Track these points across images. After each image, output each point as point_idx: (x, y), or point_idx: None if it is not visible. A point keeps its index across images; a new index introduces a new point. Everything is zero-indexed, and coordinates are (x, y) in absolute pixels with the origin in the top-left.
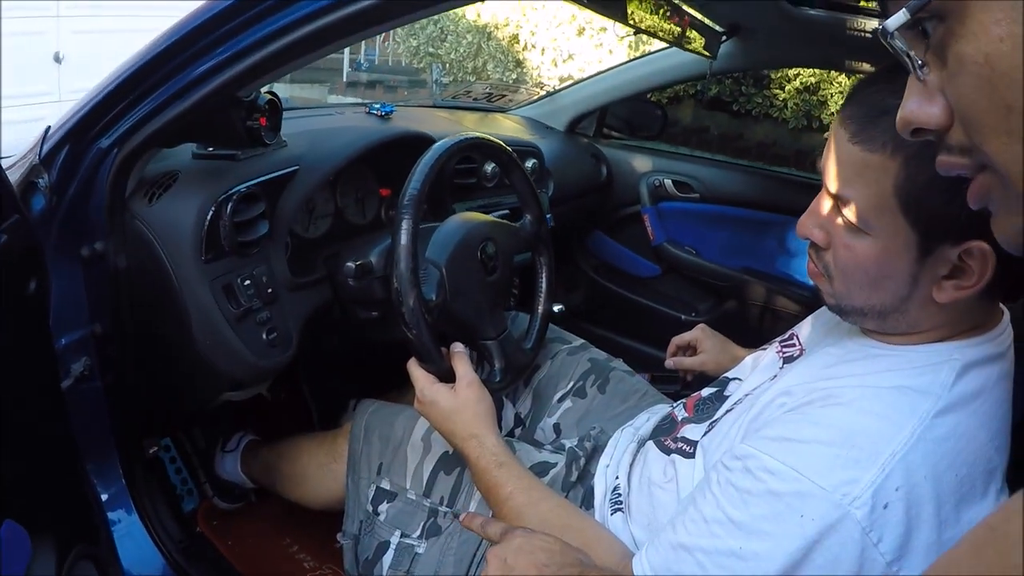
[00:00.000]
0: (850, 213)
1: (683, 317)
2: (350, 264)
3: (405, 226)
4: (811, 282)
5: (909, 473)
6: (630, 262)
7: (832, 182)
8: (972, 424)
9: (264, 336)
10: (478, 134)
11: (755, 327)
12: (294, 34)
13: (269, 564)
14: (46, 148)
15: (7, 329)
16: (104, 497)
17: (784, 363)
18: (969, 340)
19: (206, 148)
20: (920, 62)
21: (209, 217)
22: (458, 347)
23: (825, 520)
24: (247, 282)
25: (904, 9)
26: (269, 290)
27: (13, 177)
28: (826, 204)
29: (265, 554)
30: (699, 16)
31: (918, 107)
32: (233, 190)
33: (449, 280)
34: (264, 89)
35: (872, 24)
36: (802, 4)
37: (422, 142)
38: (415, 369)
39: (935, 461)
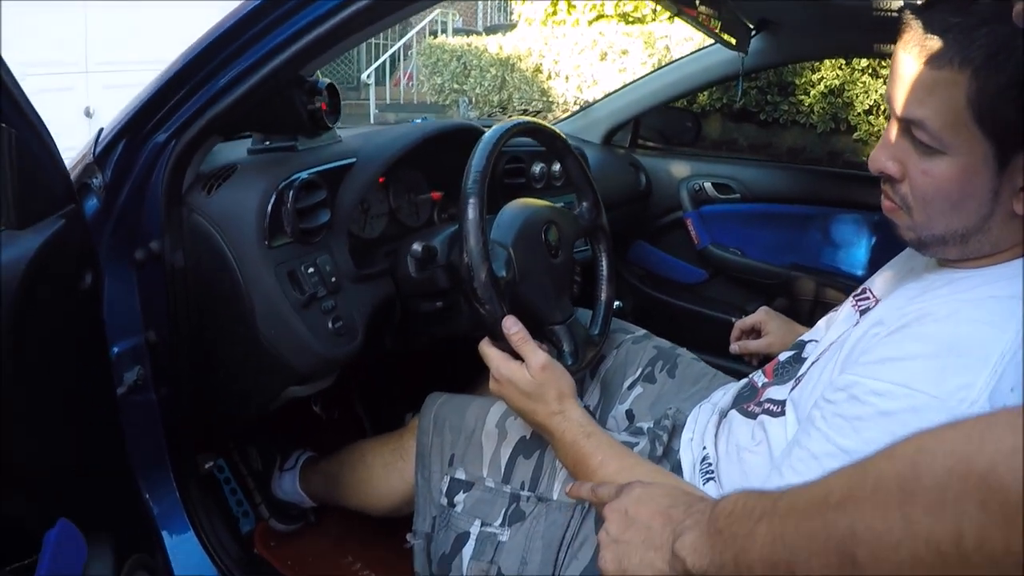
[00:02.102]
0: (924, 135)
1: (734, 320)
2: (416, 246)
3: (472, 202)
4: (859, 272)
5: (1022, 374)
6: (675, 269)
7: (902, 107)
8: None
9: (330, 325)
10: (534, 119)
11: (807, 322)
12: (356, 5)
13: None
14: (100, 147)
15: (64, 322)
16: (156, 511)
17: (861, 315)
18: None
19: (263, 143)
20: None
21: (272, 202)
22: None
23: None
24: (311, 270)
25: None
26: (333, 279)
27: None
28: (897, 133)
29: (327, 574)
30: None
31: None
32: (294, 176)
33: (517, 260)
34: None
35: (897, 3)
36: None
37: (474, 135)
38: (488, 348)
39: None
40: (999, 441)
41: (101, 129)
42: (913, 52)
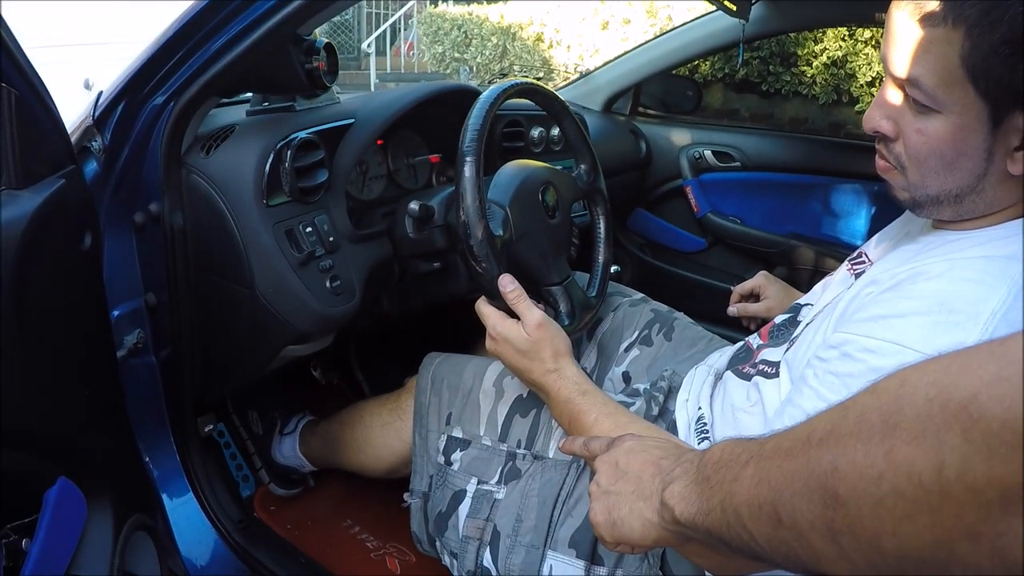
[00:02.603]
0: (919, 93)
1: (733, 288)
2: (413, 205)
3: (469, 160)
4: (858, 242)
5: (1012, 331)
6: (675, 237)
7: (897, 66)
8: None
9: (328, 284)
10: (532, 80)
11: (806, 291)
12: None
13: (331, 546)
14: (99, 110)
15: (65, 283)
16: (156, 474)
17: (855, 277)
18: None
19: (261, 104)
20: None
21: (270, 161)
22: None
23: None
24: (308, 229)
25: None
26: (331, 238)
27: None
28: (891, 92)
29: (326, 537)
30: None
31: None
32: (292, 135)
33: (514, 220)
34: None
35: None
36: None
37: (472, 97)
38: (485, 307)
39: None
40: (980, 369)
41: (100, 92)
42: (907, 10)
